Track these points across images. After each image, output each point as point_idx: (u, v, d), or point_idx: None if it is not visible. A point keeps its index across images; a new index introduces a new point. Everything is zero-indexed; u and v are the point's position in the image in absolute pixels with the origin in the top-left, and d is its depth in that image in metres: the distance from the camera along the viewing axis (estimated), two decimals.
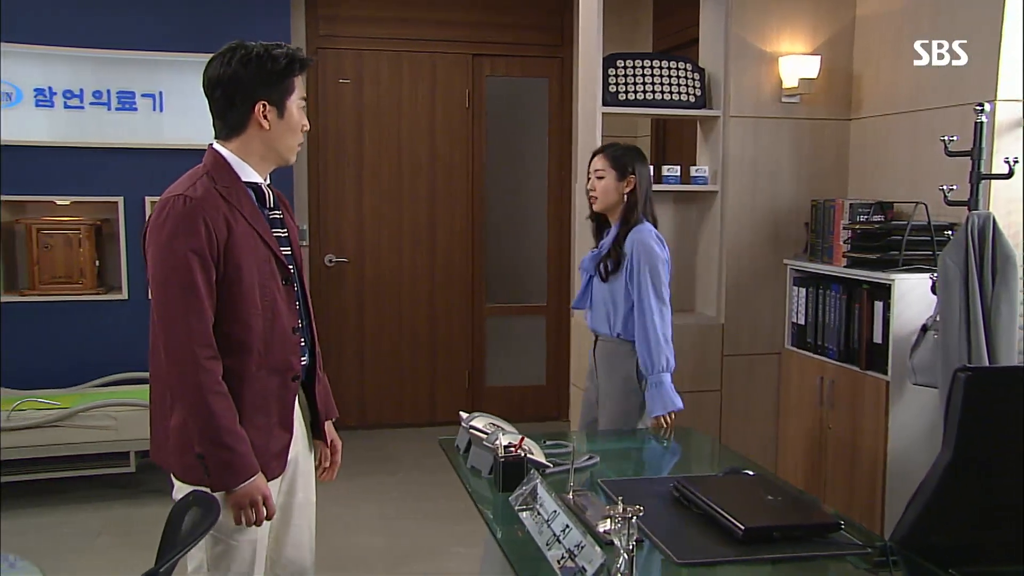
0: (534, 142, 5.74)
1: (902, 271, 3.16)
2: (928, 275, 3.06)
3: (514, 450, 2.27)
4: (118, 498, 4.21)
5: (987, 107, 2.88)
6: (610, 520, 1.76)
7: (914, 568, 1.94)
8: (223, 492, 1.93)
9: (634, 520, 1.64)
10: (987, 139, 2.91)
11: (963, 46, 3.26)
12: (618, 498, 1.72)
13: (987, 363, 2.70)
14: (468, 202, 5.59)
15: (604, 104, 3.83)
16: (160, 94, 4.71)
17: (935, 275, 2.91)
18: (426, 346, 5.61)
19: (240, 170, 2.03)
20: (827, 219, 3.63)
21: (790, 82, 3.85)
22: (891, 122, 3.69)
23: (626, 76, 3.87)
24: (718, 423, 3.93)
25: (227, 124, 2.03)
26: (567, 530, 1.83)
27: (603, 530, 1.91)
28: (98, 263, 4.71)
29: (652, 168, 3.88)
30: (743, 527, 1.90)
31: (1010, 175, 2.90)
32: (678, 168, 3.93)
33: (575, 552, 1.75)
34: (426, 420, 5.57)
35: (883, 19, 3.74)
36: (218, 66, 2.00)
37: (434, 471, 4.59)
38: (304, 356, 2.12)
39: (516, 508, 2.08)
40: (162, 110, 4.72)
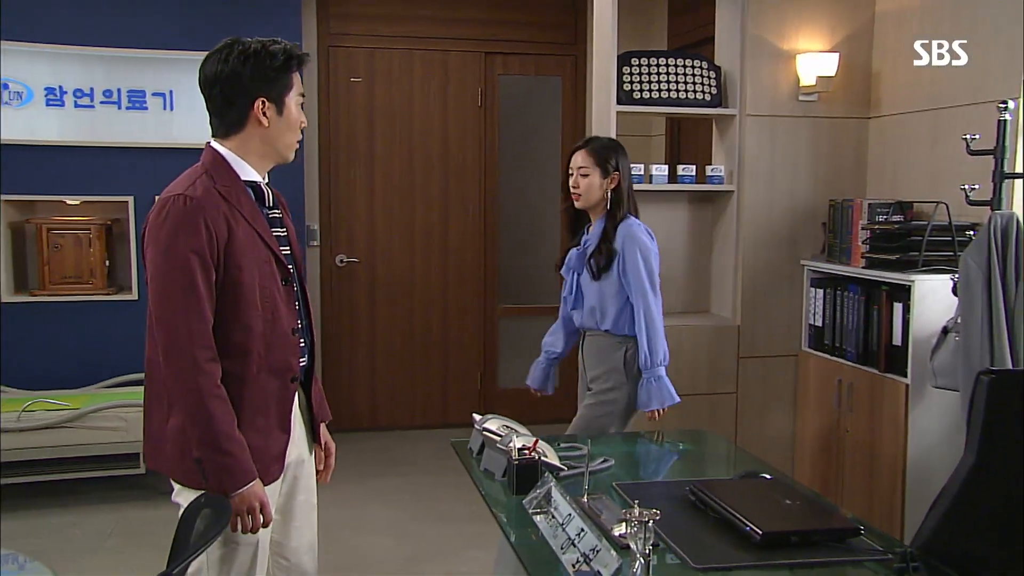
0: (547, 141, 5.73)
1: (922, 272, 3.14)
2: (949, 276, 3.04)
3: (528, 453, 2.27)
4: (128, 500, 4.23)
5: (1011, 104, 2.86)
6: (626, 524, 1.76)
7: (936, 575, 1.93)
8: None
9: (650, 524, 1.64)
10: (1011, 137, 2.89)
11: (984, 42, 3.24)
12: (634, 501, 1.72)
13: (1010, 366, 2.68)
14: (480, 202, 5.60)
15: (618, 103, 3.82)
16: (170, 93, 4.73)
17: (956, 276, 2.90)
18: (438, 347, 5.62)
19: (239, 169, 2.02)
20: (845, 219, 3.61)
21: (808, 80, 3.84)
22: (911, 120, 3.67)
23: (641, 75, 3.86)
24: (734, 426, 3.92)
25: (225, 122, 2.02)
26: (582, 534, 1.82)
27: (618, 534, 1.91)
28: (108, 263, 4.73)
29: (667, 168, 3.90)
30: (761, 532, 1.89)
31: None
32: (693, 168, 3.92)
33: (590, 556, 1.75)
34: (437, 422, 5.57)
35: (903, 15, 3.72)
36: (215, 63, 1.98)
37: (446, 473, 4.59)
38: (303, 357, 2.12)
39: (530, 511, 2.08)
40: (172, 109, 4.74)
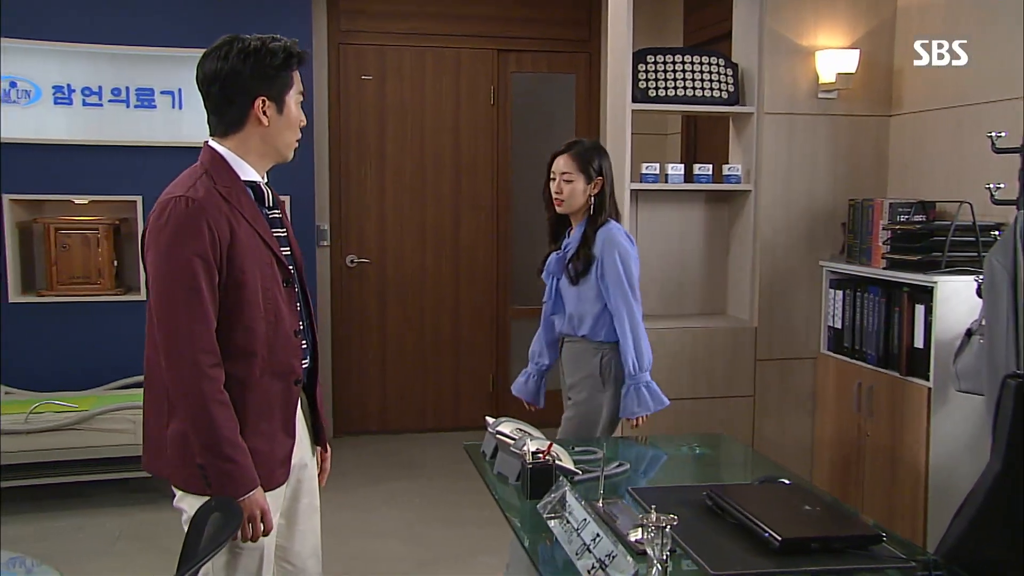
0: (560, 140, 5.61)
1: (945, 273, 3.12)
2: (973, 277, 3.02)
3: (542, 456, 2.26)
4: (137, 503, 4.25)
5: None
6: (642, 529, 1.75)
7: None
8: None
9: (668, 529, 1.63)
10: None
11: (1010, 38, 3.21)
12: (651, 506, 1.71)
13: None
14: (492, 201, 5.60)
15: (633, 101, 3.81)
16: (179, 91, 4.75)
17: (981, 277, 2.86)
18: (449, 349, 5.62)
19: (239, 168, 2.01)
20: (865, 219, 3.59)
21: (827, 77, 3.82)
22: (934, 118, 3.65)
23: (656, 72, 3.85)
24: (751, 430, 3.90)
25: (224, 121, 2.02)
26: (598, 539, 1.82)
27: (634, 539, 1.90)
28: (116, 263, 4.75)
29: (683, 167, 3.89)
30: (780, 538, 1.88)
31: None
32: (710, 167, 3.91)
33: (606, 562, 1.74)
34: (449, 425, 5.58)
35: (927, 10, 3.70)
36: (215, 61, 1.97)
37: (458, 477, 4.60)
38: (305, 359, 2.11)
39: (544, 516, 2.07)
40: (181, 107, 4.76)
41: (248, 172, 2.03)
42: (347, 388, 5.42)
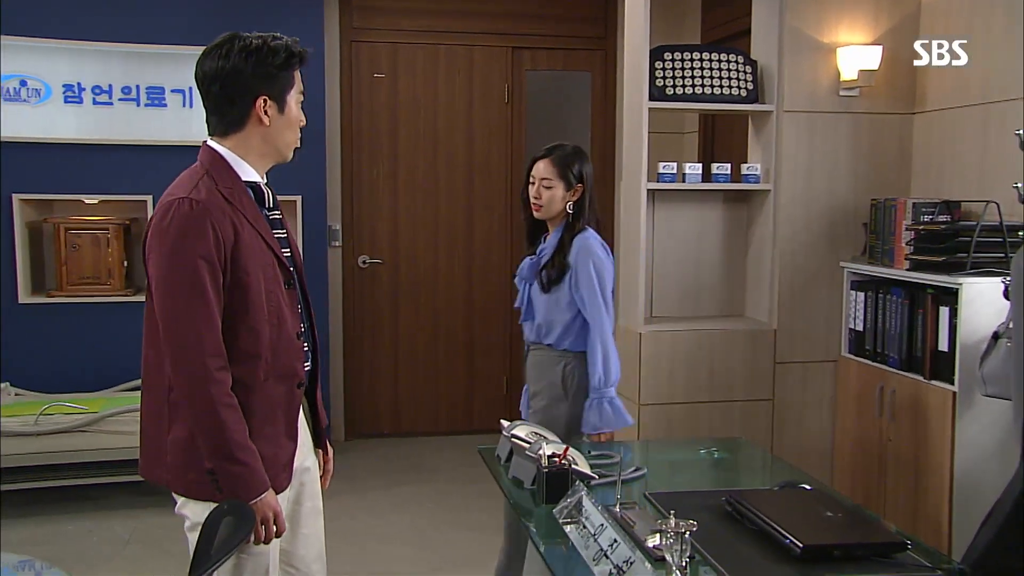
0: (576, 139, 5.62)
1: (971, 274, 3.09)
2: (1000, 279, 2.99)
3: (558, 460, 2.26)
4: (147, 506, 4.27)
5: None
6: (661, 535, 1.74)
7: None
8: None
9: (687, 535, 1.62)
10: None
11: None
12: (670, 512, 1.70)
13: None
14: (506, 201, 5.59)
15: (650, 99, 3.80)
16: (190, 90, 4.77)
17: (1008, 279, 2.84)
18: (463, 350, 5.62)
19: (239, 169, 2.01)
20: (888, 219, 3.57)
21: (849, 74, 3.79)
22: (959, 115, 3.62)
23: (674, 69, 3.83)
24: (770, 434, 3.88)
25: (225, 120, 2.01)
26: (615, 545, 1.81)
27: (652, 545, 1.89)
28: (126, 263, 4.78)
29: (701, 166, 3.88)
30: (801, 545, 1.87)
31: None
32: (728, 166, 3.89)
33: (623, 568, 1.74)
34: (462, 428, 5.58)
35: (952, 4, 3.67)
36: (215, 59, 1.97)
37: (472, 481, 4.60)
38: (307, 361, 2.12)
39: (560, 521, 2.07)
40: (192, 106, 4.79)
41: (248, 172, 2.03)
42: (359, 390, 5.44)
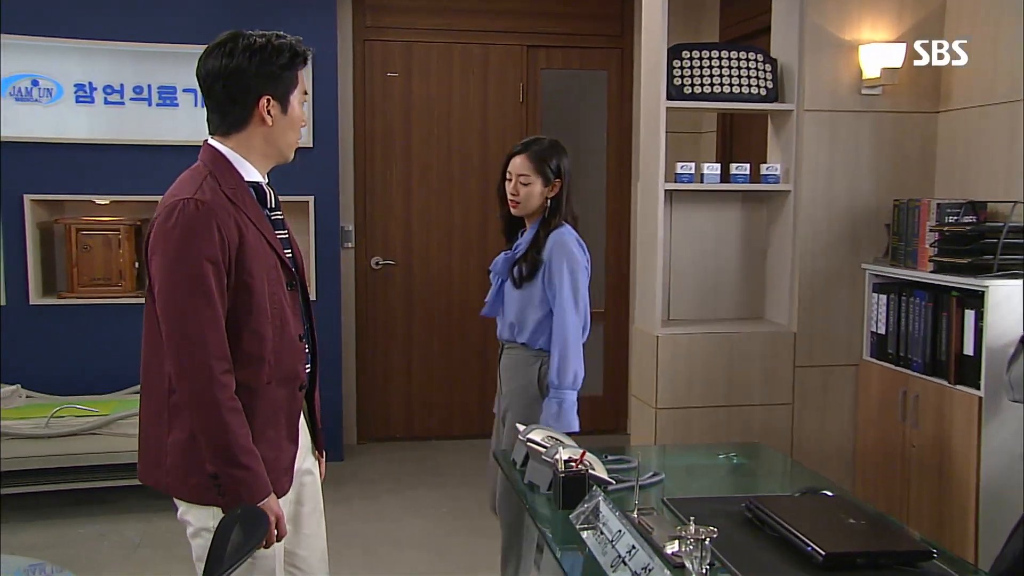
0: (592, 139, 5.72)
1: (997, 277, 3.07)
2: None
3: (575, 465, 2.26)
4: (158, 509, 4.28)
5: None
6: (680, 541, 1.74)
7: None
8: None
9: (707, 542, 1.62)
10: None
11: None
12: (689, 518, 1.70)
13: None
14: None
15: (668, 98, 3.79)
16: None
17: None
18: (476, 353, 5.62)
19: (242, 169, 2.02)
20: (911, 220, 3.55)
21: (871, 72, 3.77)
22: (985, 114, 3.60)
23: (692, 68, 3.82)
24: (790, 439, 3.86)
25: (227, 120, 2.02)
26: (633, 551, 1.81)
27: (671, 552, 1.88)
28: (137, 265, 4.80)
29: (719, 166, 3.86)
30: (823, 552, 1.86)
31: None
32: (747, 166, 3.87)
33: (642, 575, 1.73)
34: (476, 432, 5.57)
35: (979, 1, 3.64)
36: (218, 57, 1.98)
37: (485, 485, 4.59)
38: (308, 364, 2.12)
39: (577, 527, 2.07)
40: (203, 106, 4.80)
41: (251, 172, 2.04)
42: (371, 393, 5.45)
